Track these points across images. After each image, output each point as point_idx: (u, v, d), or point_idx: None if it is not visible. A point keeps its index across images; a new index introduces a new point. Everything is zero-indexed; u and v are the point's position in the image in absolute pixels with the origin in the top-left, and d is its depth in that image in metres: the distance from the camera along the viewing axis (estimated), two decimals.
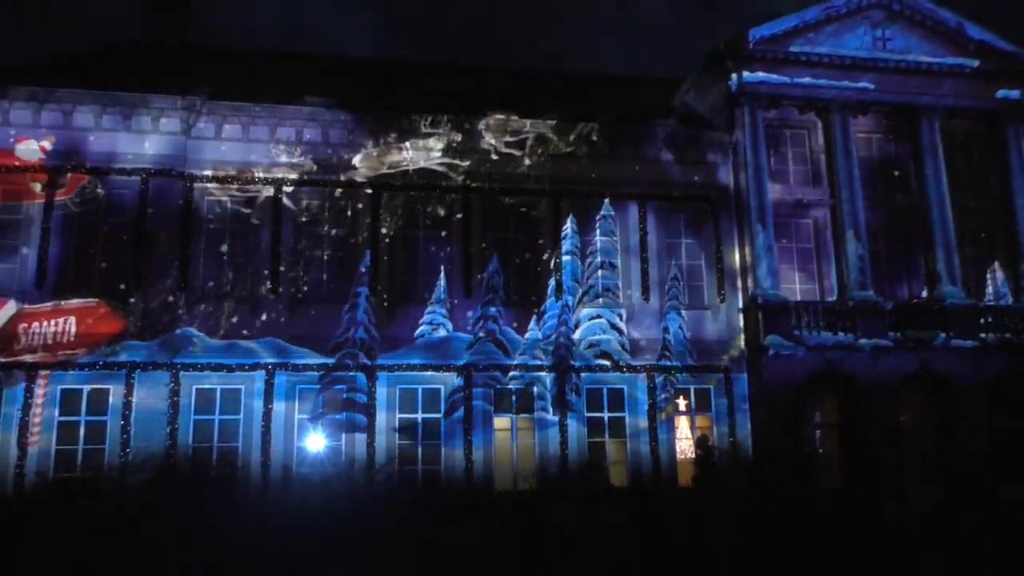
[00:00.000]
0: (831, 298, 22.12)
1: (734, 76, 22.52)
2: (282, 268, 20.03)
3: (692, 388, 21.42)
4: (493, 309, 20.64)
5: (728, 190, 22.39)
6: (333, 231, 20.69)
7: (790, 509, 15.33)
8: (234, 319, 19.55)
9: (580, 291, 21.31)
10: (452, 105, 22.20)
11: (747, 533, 13.92)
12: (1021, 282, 22.65)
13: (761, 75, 22.53)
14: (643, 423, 20.81)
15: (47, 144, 19.39)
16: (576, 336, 20.96)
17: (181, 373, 18.88)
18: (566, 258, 21.39)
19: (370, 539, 12.83)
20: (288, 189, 20.42)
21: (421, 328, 20.36)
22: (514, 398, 20.62)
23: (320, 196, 20.70)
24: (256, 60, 24.56)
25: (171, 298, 19.25)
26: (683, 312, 21.52)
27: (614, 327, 21.18)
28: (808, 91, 22.75)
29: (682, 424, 21.37)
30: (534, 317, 20.94)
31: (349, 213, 20.77)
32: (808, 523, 14.79)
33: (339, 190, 20.73)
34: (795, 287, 22.63)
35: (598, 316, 21.20)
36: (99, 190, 19.48)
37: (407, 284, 20.85)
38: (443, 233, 21.19)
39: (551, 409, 20.46)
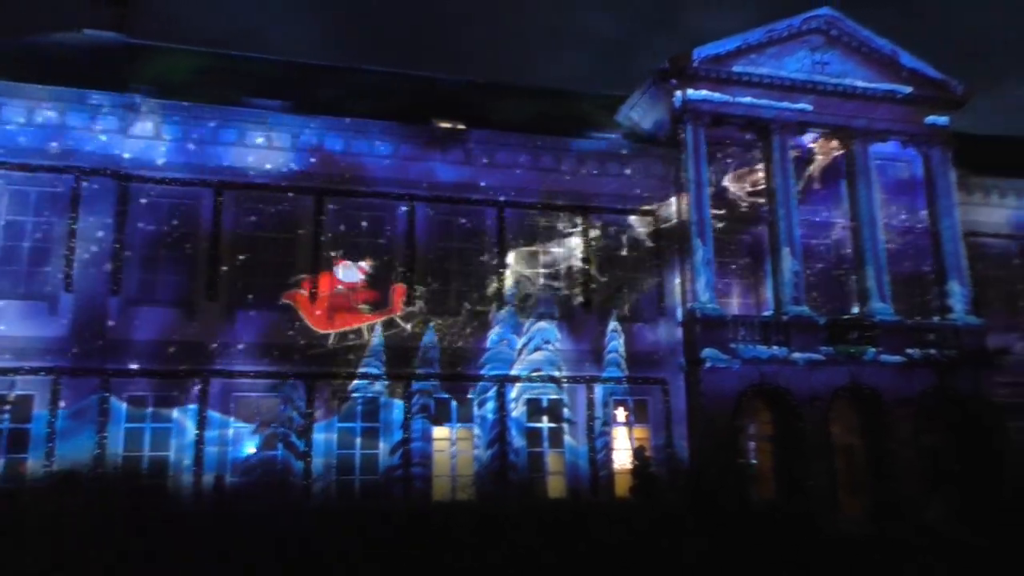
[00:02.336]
0: (767, 312, 22.63)
1: (678, 93, 22.95)
2: (224, 272, 19.66)
3: (631, 399, 21.69)
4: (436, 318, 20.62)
5: (670, 205, 22.76)
6: (277, 235, 20.39)
7: (724, 520, 15.61)
8: (171, 324, 19.08)
9: (523, 301, 21.40)
10: (400, 112, 22.16)
11: (683, 543, 14.11)
12: (946, 300, 23.48)
13: (704, 93, 23.00)
14: (582, 434, 20.96)
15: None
16: (518, 346, 21.03)
17: (112, 379, 18.35)
18: (510, 268, 21.48)
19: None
20: (231, 192, 20.05)
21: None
22: (454, 408, 20.57)
23: (265, 200, 20.38)
24: (201, 60, 24.13)
25: (103, 301, 18.70)
26: (624, 324, 21.79)
27: (555, 338, 21.32)
28: (749, 110, 23.30)
29: (621, 435, 21.59)
30: (476, 327, 20.95)
31: (292, 219, 20.49)
32: (741, 534, 15.07)
33: (289, 195, 20.44)
34: (733, 301, 23.14)
35: (540, 327, 21.32)
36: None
37: (351, 291, 20.62)
38: (389, 243, 21.06)
39: (492, 419, 20.47)
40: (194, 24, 67.69)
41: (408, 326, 20.51)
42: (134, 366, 18.58)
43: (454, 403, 20.57)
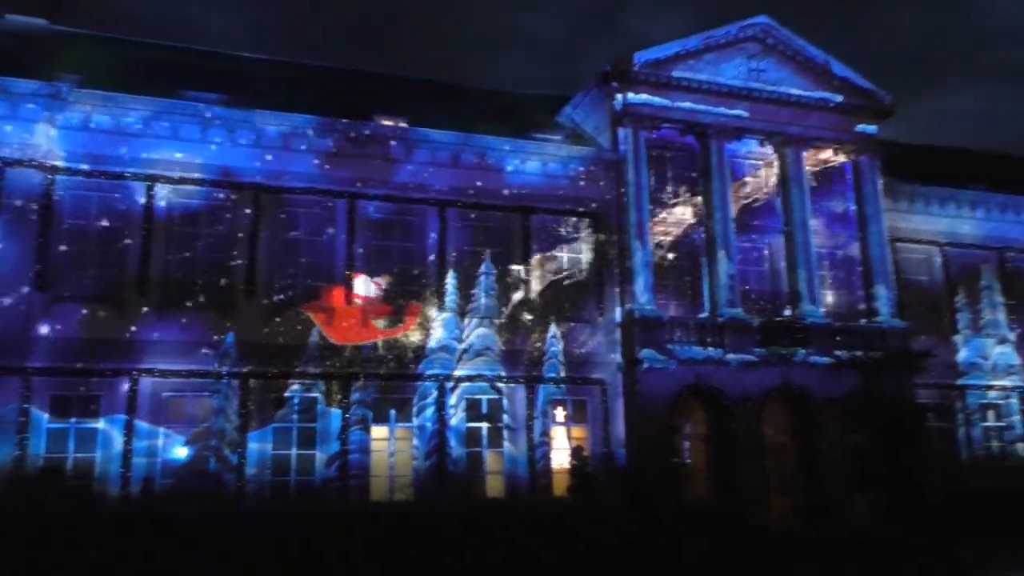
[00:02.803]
0: (703, 314, 23.04)
1: (619, 97, 23.19)
2: (155, 269, 19.13)
3: (570, 400, 21.85)
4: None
5: (609, 207, 23.00)
6: (208, 232, 19.93)
7: (659, 518, 15.86)
8: (98, 322, 18.48)
9: (465, 301, 21.38)
10: (339, 108, 21.89)
11: (619, 541, 14.27)
12: (873, 304, 24.27)
13: (645, 97, 23.29)
14: (521, 434, 21.03)
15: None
16: (460, 346, 20.99)
17: (32, 379, 17.68)
18: (451, 268, 21.42)
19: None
20: (162, 187, 19.52)
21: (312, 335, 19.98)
22: (393, 408, 20.43)
23: (200, 196, 19.90)
24: (132, 50, 23.43)
25: (25, 297, 18.00)
26: (564, 325, 21.94)
27: (496, 339, 21.34)
28: (688, 115, 23.68)
29: (559, 435, 21.73)
30: (417, 326, 20.84)
31: (228, 215, 20.06)
32: (676, 531, 15.32)
33: (225, 190, 19.99)
34: (670, 303, 23.49)
35: (481, 326, 21.32)
36: None
37: (288, 288, 20.31)
38: (331, 240, 20.79)
39: (432, 419, 20.39)
40: (121, 12, 65.63)
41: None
42: (58, 364, 17.93)
43: (393, 403, 20.42)
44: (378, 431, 20.26)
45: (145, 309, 18.85)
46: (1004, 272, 27.12)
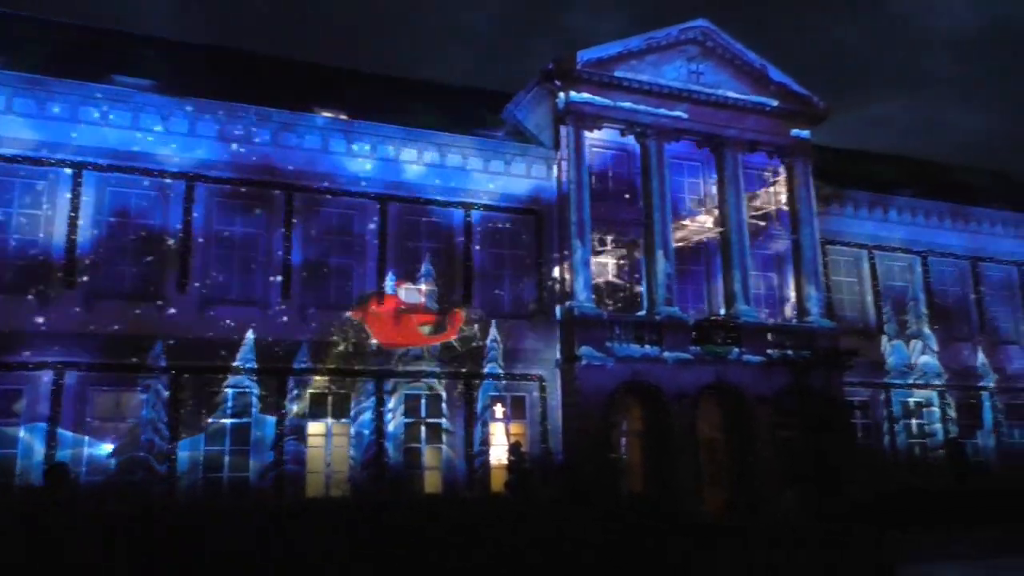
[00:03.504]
0: (641, 313, 23.35)
1: (562, 95, 23.32)
2: (81, 259, 18.49)
3: (508, 396, 21.91)
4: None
5: (551, 205, 23.11)
6: (145, 222, 19.38)
7: (595, 513, 16.00)
8: (21, 313, 17.78)
9: (402, 296, 21.22)
10: (278, 98, 21.49)
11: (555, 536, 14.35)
12: (805, 304, 24.94)
13: (587, 96, 23.46)
14: (459, 430, 21.01)
15: None
16: (400, 341, 20.83)
17: None
18: (390, 262, 21.25)
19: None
20: (90, 174, 18.87)
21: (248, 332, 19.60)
22: (331, 404, 20.19)
23: (132, 184, 19.31)
24: (60, 31, 22.58)
25: None
26: (504, 321, 21.97)
27: (436, 333, 21.24)
28: (629, 115, 23.94)
29: (498, 431, 21.78)
30: (355, 321, 20.63)
31: (167, 205, 19.53)
32: (611, 526, 15.48)
33: (158, 179, 19.44)
34: (610, 300, 23.75)
35: (420, 322, 21.19)
36: None
37: (223, 283, 19.87)
38: (265, 233, 20.40)
39: (370, 415, 20.21)
40: None
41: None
42: None
43: (331, 399, 20.18)
44: (315, 427, 20.00)
45: (73, 300, 18.21)
46: (927, 275, 28.15)
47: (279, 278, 20.20)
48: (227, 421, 19.13)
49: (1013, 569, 15.46)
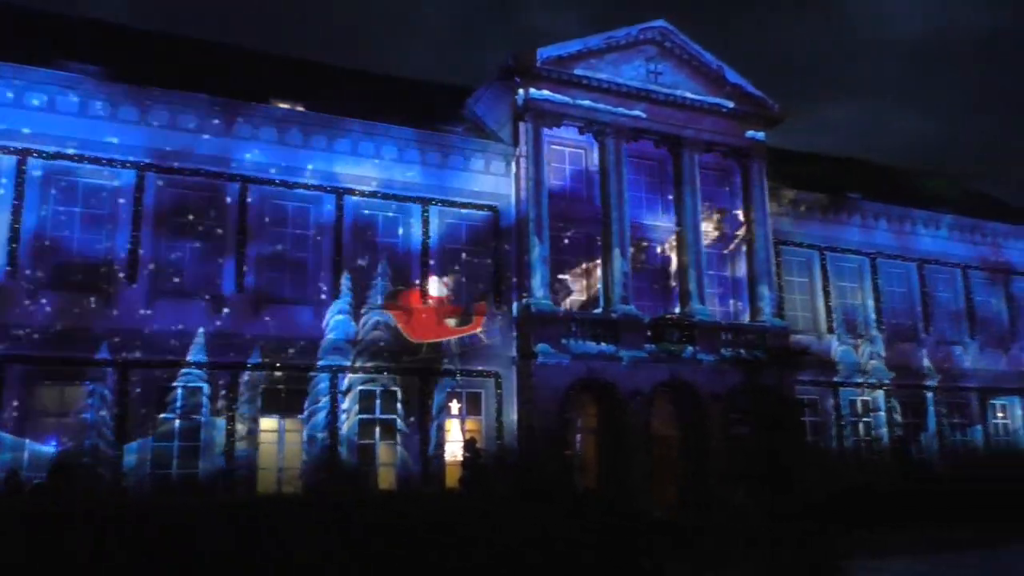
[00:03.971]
0: (598, 310, 23.46)
1: (521, 91, 23.28)
2: (21, 248, 17.93)
3: (464, 392, 21.85)
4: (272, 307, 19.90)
5: (509, 201, 23.08)
6: (95, 211, 18.87)
7: (550, 510, 16.03)
8: None
9: (361, 292, 21.05)
10: (232, 88, 21.11)
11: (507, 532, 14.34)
12: (759, 304, 25.32)
13: (547, 93, 23.47)
14: (415, 426, 20.89)
15: None
16: (355, 338, 20.65)
17: None
18: (346, 256, 21.04)
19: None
20: (37, 161, 18.31)
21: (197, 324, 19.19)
22: (284, 398, 19.91)
23: (78, 173, 18.78)
24: (4, 13, 21.84)
25: None
26: (460, 317, 21.89)
27: (393, 329, 21.11)
28: (588, 113, 24.01)
29: (453, 427, 21.71)
30: (311, 316, 20.39)
31: (116, 194, 19.03)
32: (566, 522, 15.52)
33: (106, 168, 18.93)
34: (567, 298, 23.83)
35: (377, 318, 21.03)
36: None
37: (174, 276, 19.45)
38: (217, 225, 20.02)
39: (324, 410, 19.99)
40: None
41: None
42: None
43: (284, 393, 19.90)
44: (267, 423, 19.71)
45: (17, 292, 17.65)
46: (876, 277, 28.79)
47: (232, 272, 19.84)
48: (176, 417, 18.73)
49: (953, 565, 15.91)
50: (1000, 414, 30.09)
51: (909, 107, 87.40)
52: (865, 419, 27.43)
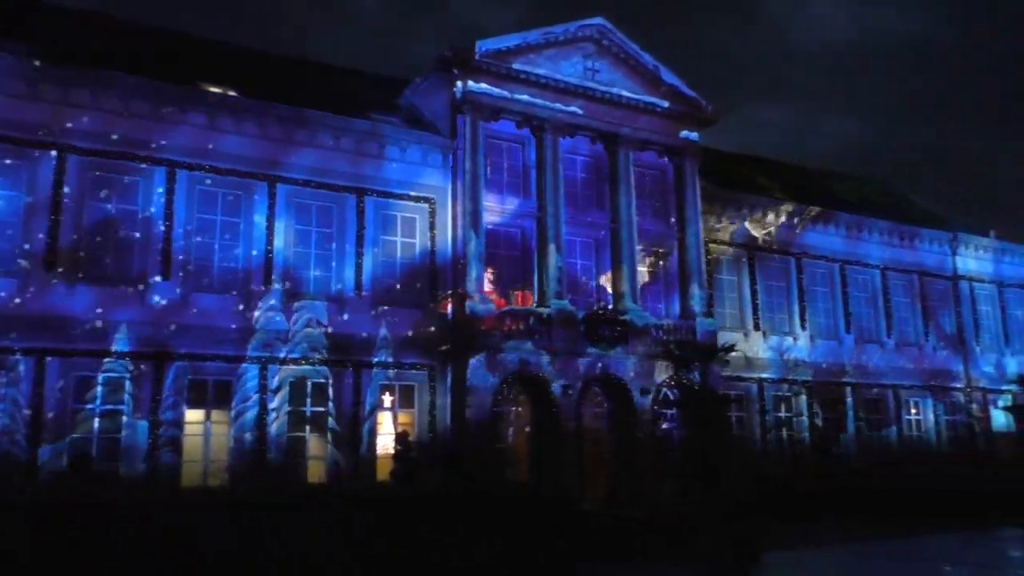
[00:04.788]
0: (532, 305, 23.56)
1: (459, 84, 23.20)
2: None
3: (398, 385, 21.72)
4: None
5: (445, 193, 23.00)
6: (12, 195, 18.12)
7: (480, 503, 16.08)
8: None
9: (293, 282, 20.73)
10: (161, 70, 20.49)
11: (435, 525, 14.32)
12: (689, 302, 25.81)
13: (485, 86, 23.43)
14: (346, 419, 20.68)
15: None
16: (285, 328, 20.31)
17: None
18: (279, 246, 20.67)
19: None
20: None
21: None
22: (211, 390, 19.47)
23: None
24: None
25: None
26: (395, 310, 21.76)
27: (324, 320, 20.84)
28: (526, 108, 24.07)
29: (385, 420, 21.56)
30: (241, 307, 19.96)
31: (36, 177, 18.30)
32: (494, 515, 15.58)
33: (16, 148, 18.17)
34: (502, 291, 23.86)
35: (309, 309, 20.74)
36: None
37: (97, 262, 18.81)
38: (143, 210, 19.42)
39: (253, 402, 19.62)
40: None
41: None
42: None
43: (211, 384, 19.46)
44: (193, 415, 19.24)
45: None
46: (801, 276, 29.68)
47: (159, 258, 19.28)
48: (96, 407, 18.14)
49: (863, 554, 16.56)
50: (914, 411, 31.40)
51: (838, 111, 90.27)
52: (788, 415, 28.28)
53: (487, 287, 22.90)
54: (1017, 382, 30.76)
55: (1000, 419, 32.33)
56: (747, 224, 29.04)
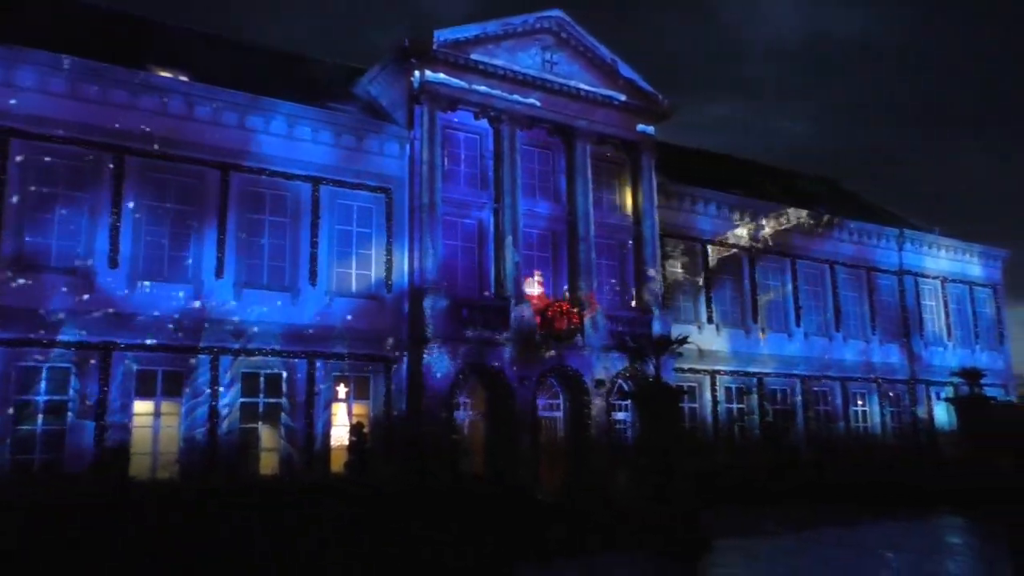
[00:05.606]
0: (488, 296, 23.56)
1: (417, 74, 23.05)
2: None
3: (353, 376, 21.56)
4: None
5: (403, 184, 22.85)
6: None
7: (436, 494, 16.09)
8: None
9: (247, 271, 20.42)
10: (109, 53, 19.98)
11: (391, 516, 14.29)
12: (644, 295, 26.05)
13: (443, 76, 23.31)
14: (300, 410, 20.47)
15: None
16: (238, 319, 20.01)
17: None
18: (231, 235, 20.33)
19: None
20: None
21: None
22: (160, 380, 19.11)
23: None
24: None
25: None
26: (351, 300, 21.59)
27: (277, 311, 20.58)
28: (484, 99, 24.01)
29: (340, 412, 21.40)
30: (193, 296, 19.62)
31: None
32: (451, 507, 15.61)
33: None
34: (458, 283, 23.79)
35: (261, 298, 20.46)
36: None
37: (43, 248, 18.30)
38: (91, 196, 18.94)
39: (204, 393, 19.30)
40: None
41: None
42: None
43: (161, 375, 19.09)
44: (143, 406, 18.86)
45: None
46: (753, 269, 30.16)
47: (107, 245, 18.83)
48: (40, 397, 17.67)
49: (815, 542, 16.96)
50: (860, 403, 32.17)
51: (789, 109, 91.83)
52: (740, 406, 28.77)
53: (445, 278, 22.79)
54: (958, 375, 31.67)
55: (942, 412, 33.29)
56: (701, 219, 29.38)
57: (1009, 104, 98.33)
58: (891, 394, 32.94)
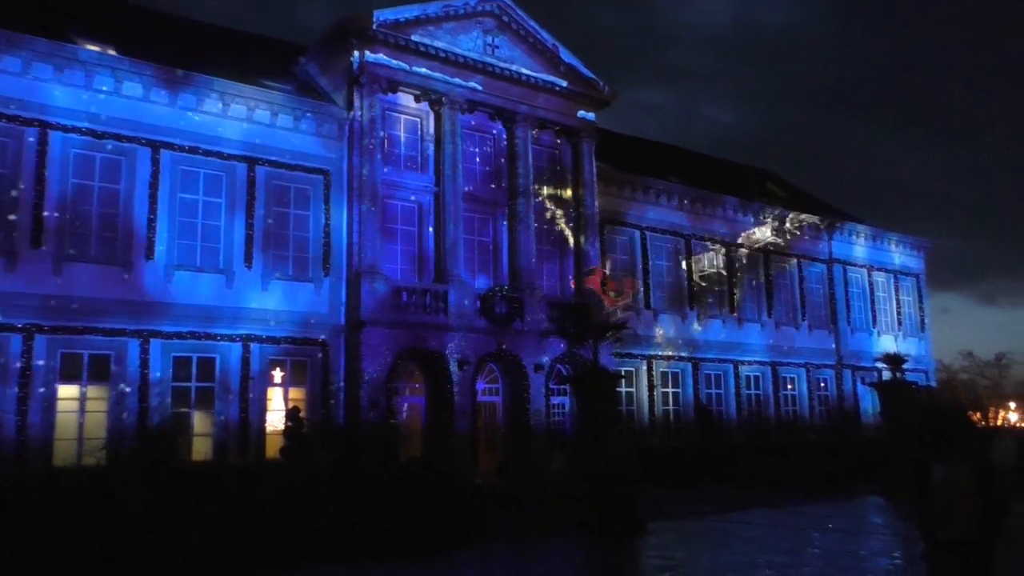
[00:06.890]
0: (429, 280, 23.46)
1: (356, 54, 22.69)
2: None
3: (289, 360, 21.25)
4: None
5: (341, 166, 22.52)
6: None
7: (371, 478, 15.97)
8: None
9: (180, 252, 19.91)
10: (33, 24, 19.14)
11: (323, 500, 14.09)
12: (584, 278, 26.24)
13: (383, 57, 23.00)
14: (234, 394, 20.10)
15: None
16: (170, 300, 19.51)
17: None
18: (162, 215, 19.76)
19: None
20: None
21: None
22: (87, 364, 18.53)
23: None
24: None
25: None
26: (288, 283, 21.24)
27: (211, 293, 20.13)
28: (424, 81, 23.78)
29: (276, 396, 21.08)
30: (122, 277, 19.03)
31: None
32: (386, 490, 15.50)
33: None
34: (398, 267, 23.62)
35: (195, 280, 19.98)
36: None
37: None
38: (11, 174, 18.16)
39: (133, 377, 18.78)
40: None
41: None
42: None
43: (87, 359, 18.51)
44: (67, 390, 18.27)
45: None
46: (690, 257, 30.68)
47: (29, 225, 18.11)
48: None
49: (746, 522, 17.43)
50: (789, 386, 33.12)
51: (720, 98, 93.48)
52: (674, 390, 29.31)
53: (384, 261, 22.58)
54: (882, 360, 32.81)
55: (866, 395, 34.49)
56: (639, 205, 29.71)
57: (933, 99, 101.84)
58: (819, 378, 34.00)
